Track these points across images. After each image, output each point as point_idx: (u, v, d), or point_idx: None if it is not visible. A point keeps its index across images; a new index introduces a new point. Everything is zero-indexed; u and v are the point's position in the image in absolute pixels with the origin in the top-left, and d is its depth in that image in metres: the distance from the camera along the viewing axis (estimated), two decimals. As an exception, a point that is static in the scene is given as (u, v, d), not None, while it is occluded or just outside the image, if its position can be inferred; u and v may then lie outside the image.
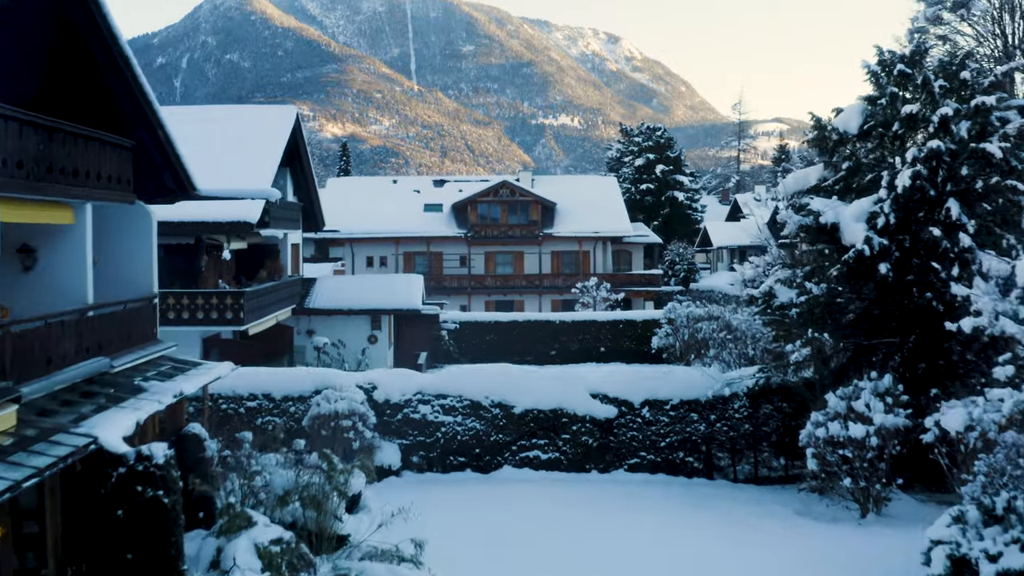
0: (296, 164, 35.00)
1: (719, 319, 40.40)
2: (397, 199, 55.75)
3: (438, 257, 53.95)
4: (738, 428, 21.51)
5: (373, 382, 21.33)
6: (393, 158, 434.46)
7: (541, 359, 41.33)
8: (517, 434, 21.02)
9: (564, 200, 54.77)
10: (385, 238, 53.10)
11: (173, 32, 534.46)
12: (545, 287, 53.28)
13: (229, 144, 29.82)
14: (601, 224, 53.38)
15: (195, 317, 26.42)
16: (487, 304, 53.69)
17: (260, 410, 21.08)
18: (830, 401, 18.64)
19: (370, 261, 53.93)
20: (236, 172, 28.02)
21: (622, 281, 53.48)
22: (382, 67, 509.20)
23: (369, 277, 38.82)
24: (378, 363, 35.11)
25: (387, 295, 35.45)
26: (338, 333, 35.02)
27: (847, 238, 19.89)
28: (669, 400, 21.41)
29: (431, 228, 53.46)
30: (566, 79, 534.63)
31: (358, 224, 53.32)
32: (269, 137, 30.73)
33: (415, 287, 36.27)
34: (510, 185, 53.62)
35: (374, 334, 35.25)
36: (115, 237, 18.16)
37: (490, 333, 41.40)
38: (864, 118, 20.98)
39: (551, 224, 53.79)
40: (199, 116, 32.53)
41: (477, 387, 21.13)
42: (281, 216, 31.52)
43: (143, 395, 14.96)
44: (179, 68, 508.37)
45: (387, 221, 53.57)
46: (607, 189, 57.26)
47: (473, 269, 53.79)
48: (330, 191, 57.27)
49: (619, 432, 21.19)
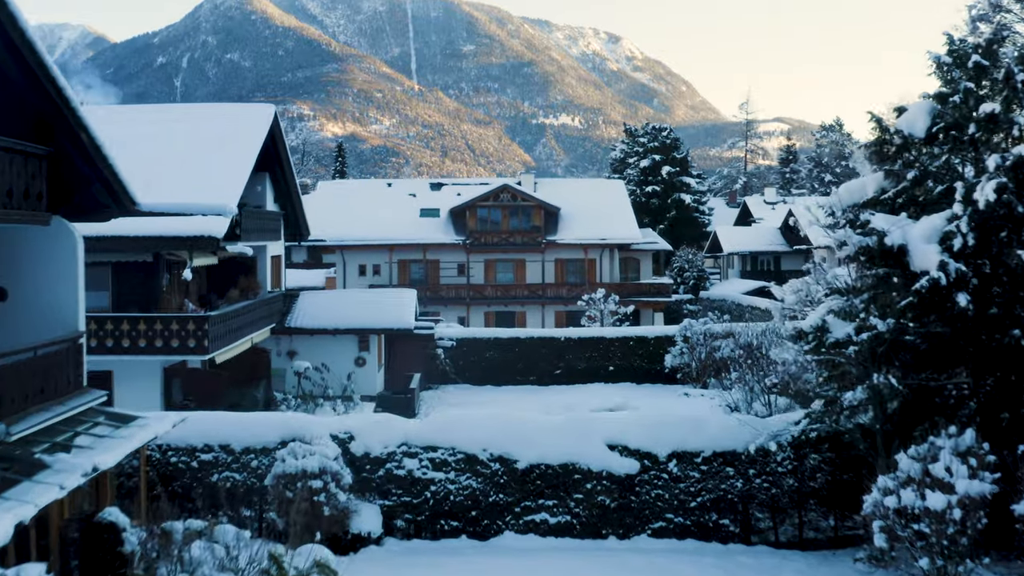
0: (276, 168, 31.61)
1: (737, 336, 37.07)
2: (391, 204, 52.32)
3: (435, 265, 50.52)
4: (780, 483, 18.11)
5: (350, 431, 17.91)
6: (393, 157, 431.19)
7: (545, 378, 37.94)
8: (521, 493, 17.60)
9: (568, 205, 51.36)
10: (378, 245, 49.66)
11: (174, 32, 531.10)
12: (548, 297, 49.86)
13: (197, 147, 26.44)
14: (608, 230, 49.95)
15: (153, 346, 23.03)
16: (487, 315, 50.28)
17: (216, 464, 17.67)
18: (901, 462, 15.28)
19: (362, 270, 50.51)
20: (202, 179, 24.63)
21: (630, 291, 50.04)
22: (383, 67, 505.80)
23: (357, 292, 35.42)
24: (366, 387, 31.72)
25: (376, 312, 32.05)
26: (322, 355, 31.63)
27: (916, 262, 16.46)
28: (700, 452, 17.99)
29: (427, 235, 50.03)
30: (567, 79, 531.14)
31: (350, 230, 49.89)
32: (242, 139, 27.33)
33: (407, 303, 32.86)
34: (511, 189, 50.19)
35: (362, 356, 31.84)
36: (29, 264, 14.69)
37: (490, 350, 37.98)
38: (932, 119, 17.56)
39: (555, 230, 50.36)
40: (165, 116, 29.16)
41: (473, 437, 17.71)
42: (256, 227, 28.12)
43: (42, 475, 11.52)
44: (179, 68, 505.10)
45: (381, 227, 50.15)
46: (614, 193, 53.80)
47: (472, 278, 50.37)
48: (320, 195, 53.87)
49: (641, 490, 17.77)
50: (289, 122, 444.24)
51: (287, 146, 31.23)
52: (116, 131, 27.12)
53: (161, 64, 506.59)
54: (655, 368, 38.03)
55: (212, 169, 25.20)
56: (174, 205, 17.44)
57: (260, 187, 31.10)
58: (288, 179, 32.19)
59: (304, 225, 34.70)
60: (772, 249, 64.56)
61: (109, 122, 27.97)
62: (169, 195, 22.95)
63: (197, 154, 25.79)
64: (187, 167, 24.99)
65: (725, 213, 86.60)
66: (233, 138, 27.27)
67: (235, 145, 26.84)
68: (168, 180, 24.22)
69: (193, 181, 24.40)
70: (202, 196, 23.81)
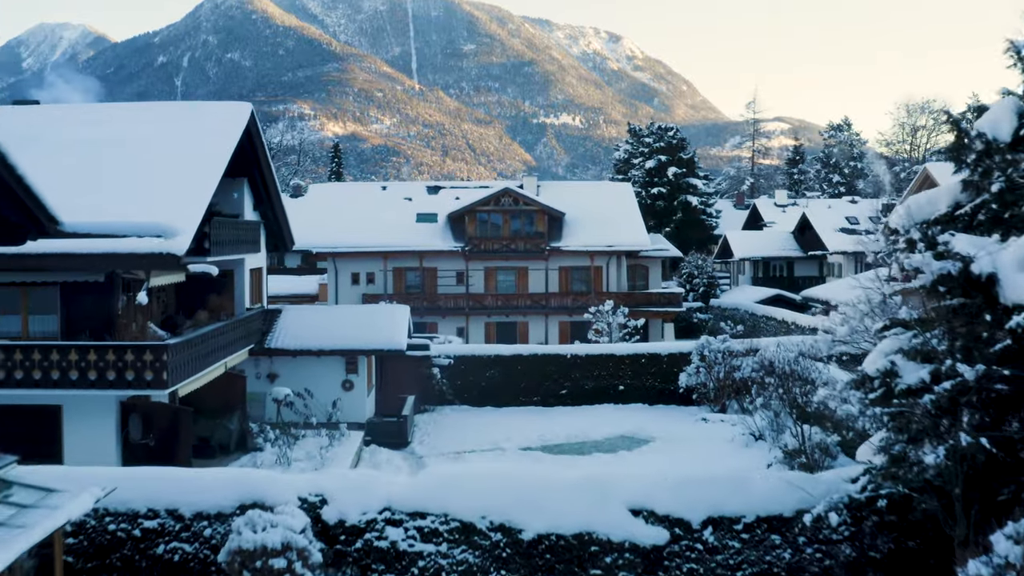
0: (255, 173, 28.57)
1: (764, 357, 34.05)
2: (386, 208, 49.25)
3: (432, 273, 47.47)
4: (836, 553, 15.10)
5: (323, 493, 14.89)
6: (394, 157, 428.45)
7: (550, 398, 34.93)
8: (527, 569, 14.58)
9: (573, 209, 48.30)
10: (372, 252, 46.61)
11: (174, 31, 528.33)
12: (552, 307, 46.82)
13: (159, 151, 23.41)
14: (615, 236, 46.88)
15: (104, 378, 19.99)
16: (487, 326, 47.24)
17: (163, 533, 14.65)
18: (997, 545, 12.29)
19: (355, 278, 47.45)
20: (162, 188, 21.61)
21: (639, 301, 46.99)
22: (383, 66, 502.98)
23: (345, 309, 32.36)
24: (354, 413, 28.72)
25: (365, 331, 29.01)
26: (306, 378, 28.60)
27: (1008, 294, 13.43)
28: (742, 517, 14.97)
29: (424, 241, 46.98)
30: (567, 78, 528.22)
31: (342, 237, 46.85)
32: (212, 142, 24.29)
33: (399, 320, 29.82)
34: (513, 193, 47.12)
35: (349, 379, 28.81)
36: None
37: (490, 368, 34.96)
38: (1019, 119, 14.56)
39: (559, 236, 47.30)
40: (127, 116, 26.12)
41: (470, 502, 14.67)
42: (231, 239, 25.09)
43: None
44: (180, 67, 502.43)
45: (375, 233, 47.09)
46: (621, 197, 50.71)
47: (471, 287, 47.33)
48: (312, 199, 50.85)
49: (671, 564, 14.74)
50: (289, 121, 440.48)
51: (267, 148, 28.17)
52: (68, 133, 24.16)
53: (162, 64, 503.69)
54: (668, 388, 35.03)
55: (175, 176, 22.17)
56: (101, 225, 14.48)
57: (237, 194, 28.07)
58: (269, 184, 29.16)
59: (288, 235, 31.67)
60: (785, 254, 61.49)
61: (63, 123, 25.00)
62: (119, 208, 19.95)
63: (158, 160, 22.78)
64: (144, 174, 21.98)
65: (733, 216, 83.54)
66: (202, 140, 24.24)
67: (204, 148, 23.81)
68: (119, 191, 21.22)
69: (150, 191, 21.39)
70: (160, 208, 20.81)
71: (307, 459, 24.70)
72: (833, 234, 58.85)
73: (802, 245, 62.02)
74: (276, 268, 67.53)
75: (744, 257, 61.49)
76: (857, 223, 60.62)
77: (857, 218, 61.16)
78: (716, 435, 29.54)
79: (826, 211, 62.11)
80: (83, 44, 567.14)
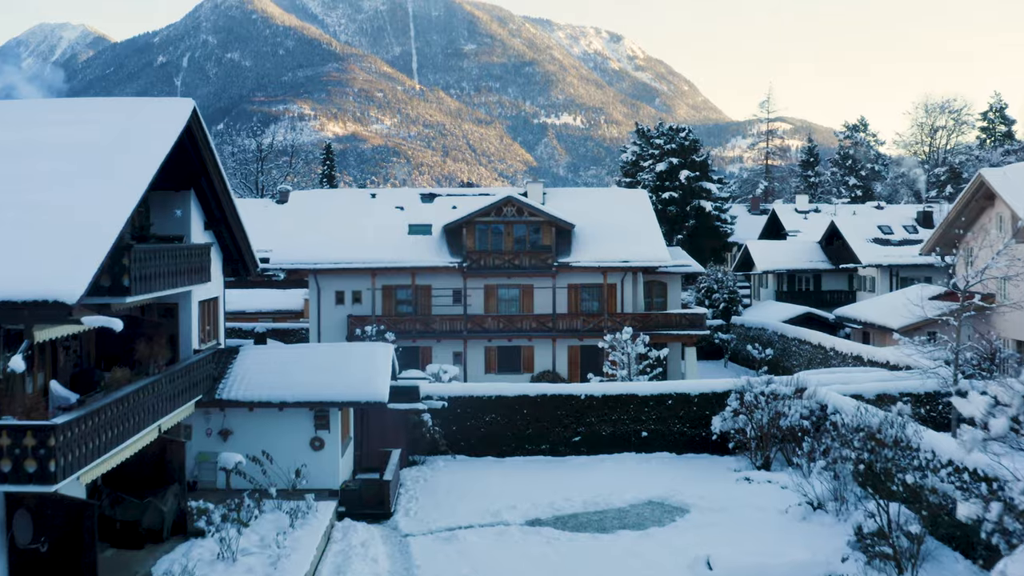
0: (203, 184, 23.22)
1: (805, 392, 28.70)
2: (375, 218, 43.84)
3: (425, 292, 42.08)
4: None
5: None
6: (395, 157, 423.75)
7: (561, 446, 29.62)
8: None
9: (584, 220, 42.90)
10: (359, 269, 41.23)
11: (174, 31, 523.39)
12: (560, 330, 41.44)
13: (66, 161, 18.03)
14: (631, 251, 41.47)
15: (-32, 470, 14.60)
16: (487, 351, 41.88)
17: None
18: None
19: (340, 297, 42.06)
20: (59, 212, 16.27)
21: (657, 323, 41.59)
22: (384, 66, 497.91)
23: (315, 350, 26.86)
24: (325, 477, 23.37)
25: (340, 378, 23.63)
26: (266, 436, 23.26)
27: None
28: None
29: (417, 255, 41.57)
30: (568, 78, 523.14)
31: (325, 251, 41.48)
32: (139, 148, 18.91)
33: (380, 363, 24.42)
34: (516, 202, 41.67)
35: (319, 436, 23.44)
36: None
37: (491, 412, 29.61)
38: None
39: (568, 251, 41.89)
40: (33, 116, 20.72)
41: None
42: (164, 270, 19.71)
43: None
44: (180, 67, 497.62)
45: (362, 247, 41.71)
46: (637, 205, 45.26)
47: (470, 307, 41.93)
48: (293, 207, 45.46)
49: None
50: (289, 121, 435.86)
51: (215, 152, 22.73)
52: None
53: (161, 64, 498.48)
54: (699, 434, 29.71)
55: (80, 194, 16.80)
56: None
57: (179, 211, 22.75)
58: (222, 198, 23.79)
59: (250, 257, 26.27)
60: (812, 267, 56.04)
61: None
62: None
63: (60, 172, 17.40)
64: (36, 193, 16.61)
65: (749, 222, 78.13)
66: (126, 146, 18.85)
67: (125, 157, 18.42)
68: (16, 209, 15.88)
69: (42, 215, 16.02)
70: (52, 239, 15.46)
71: (260, 548, 19.35)
72: (865, 245, 53.46)
73: (830, 256, 56.60)
74: (260, 280, 62.20)
75: (767, 270, 56.00)
76: (891, 232, 55.24)
77: (890, 227, 55.77)
78: (765, 502, 24.14)
79: (855, 219, 56.67)
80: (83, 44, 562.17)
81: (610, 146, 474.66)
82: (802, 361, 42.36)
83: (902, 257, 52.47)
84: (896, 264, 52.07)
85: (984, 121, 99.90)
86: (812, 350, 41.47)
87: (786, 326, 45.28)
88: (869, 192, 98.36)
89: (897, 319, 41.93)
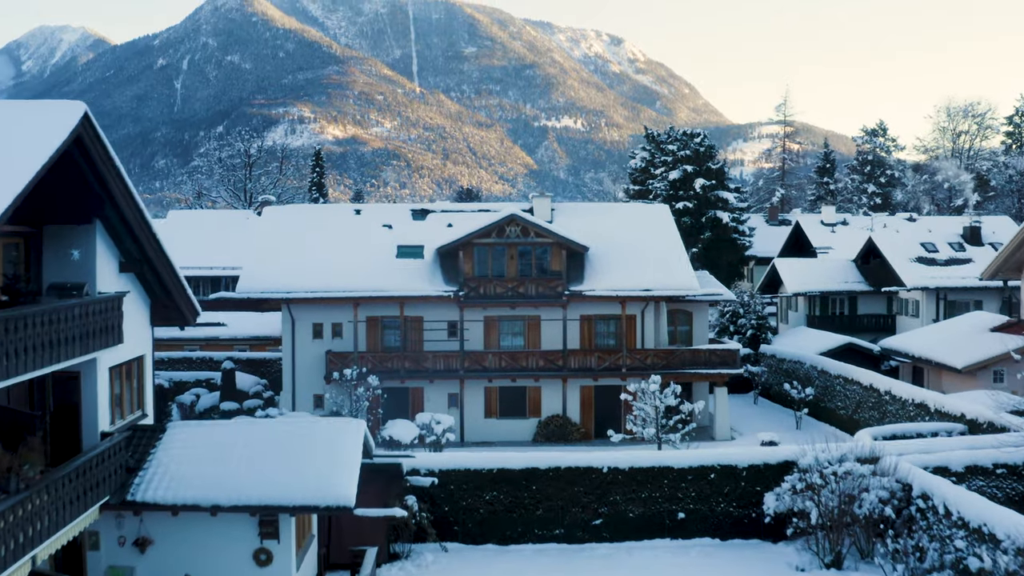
0: (110, 214, 17.31)
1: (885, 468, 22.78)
2: (360, 238, 37.91)
3: (416, 325, 36.16)
4: None
5: None
6: (395, 160, 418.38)
7: (577, 531, 23.72)
8: None
9: (599, 240, 36.97)
10: (339, 298, 35.31)
11: (174, 33, 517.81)
12: (572, 369, 35.52)
13: None
14: (654, 277, 35.55)
15: None
16: (487, 392, 35.98)
17: None
18: None
19: (317, 330, 36.16)
20: None
21: (684, 360, 35.68)
22: (384, 69, 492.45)
23: (263, 428, 20.45)
24: (274, 603, 17.38)
25: (292, 470, 17.67)
26: (195, 548, 17.33)
27: None
28: None
29: (407, 282, 35.62)
30: (569, 81, 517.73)
31: (301, 277, 35.59)
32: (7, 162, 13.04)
33: (348, 448, 18.43)
34: (521, 221, 35.73)
35: (266, 548, 17.50)
36: None
37: (492, 488, 23.69)
38: None
39: (580, 277, 35.97)
40: None
41: None
42: (38, 341, 13.86)
43: None
44: (180, 70, 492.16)
45: (343, 272, 35.81)
46: (658, 223, 39.30)
47: (468, 342, 36.01)
48: (266, 225, 39.52)
49: None
50: (289, 124, 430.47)
51: (121, 170, 16.76)
52: None
53: (161, 66, 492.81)
54: (749, 515, 23.79)
55: None
56: None
57: (77, 252, 16.85)
58: (138, 230, 17.86)
59: (184, 302, 20.32)
60: (847, 288, 50.08)
61: None
62: None
63: None
64: None
65: (768, 233, 72.22)
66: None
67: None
68: None
69: None
70: None
71: None
72: (908, 265, 47.51)
73: (866, 276, 50.62)
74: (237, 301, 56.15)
75: (799, 292, 49.99)
76: (935, 250, 49.28)
77: (934, 244, 49.81)
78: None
79: (896, 236, 50.67)
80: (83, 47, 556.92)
81: (611, 149, 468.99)
82: (849, 404, 36.46)
83: (950, 279, 46.55)
84: (943, 287, 46.16)
85: (1009, 125, 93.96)
86: (862, 392, 35.52)
87: (827, 360, 39.31)
88: (889, 200, 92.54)
89: (959, 355, 36.03)
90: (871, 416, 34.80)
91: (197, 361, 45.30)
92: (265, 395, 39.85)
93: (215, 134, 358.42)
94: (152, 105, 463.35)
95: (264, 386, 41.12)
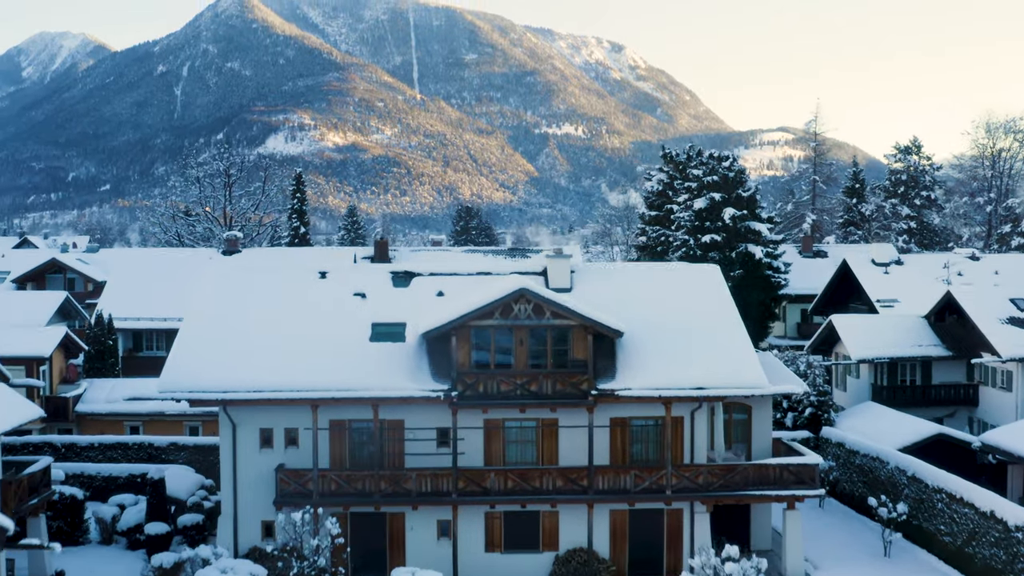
0: None
1: None
2: (324, 313, 28.75)
3: (395, 432, 27.05)
4: None
5: None
6: (395, 167, 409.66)
7: None
8: None
9: (632, 314, 27.82)
10: (294, 400, 26.22)
11: (174, 40, 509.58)
12: (600, 491, 26.43)
13: None
14: (707, 369, 26.42)
15: None
16: (489, 520, 26.93)
17: None
18: None
19: (266, 439, 27.04)
20: None
21: (747, 478, 26.58)
22: (384, 76, 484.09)
23: None
24: None
25: None
26: None
27: None
28: None
29: (383, 377, 26.46)
30: (569, 88, 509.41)
31: (244, 369, 26.49)
32: None
33: None
34: (532, 297, 26.59)
35: None
36: None
37: None
38: None
39: (612, 369, 26.84)
40: None
41: None
42: None
43: None
44: (180, 76, 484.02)
45: (298, 363, 26.69)
46: (709, 291, 30.15)
47: (464, 455, 26.85)
48: (205, 290, 30.28)
49: None
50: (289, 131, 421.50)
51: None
52: None
53: (162, 73, 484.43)
54: None
55: None
56: None
57: None
58: None
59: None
60: (921, 353, 40.99)
61: None
62: None
63: None
64: None
65: (803, 268, 63.23)
66: None
67: None
68: None
69: None
70: None
71: None
72: (998, 328, 38.44)
73: (943, 338, 41.43)
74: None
75: (864, 358, 40.79)
76: (1029, 308, 40.17)
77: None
78: None
79: (978, 291, 41.53)
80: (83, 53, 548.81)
81: (612, 156, 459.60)
82: (957, 532, 27.36)
83: (1052, 345, 37.48)
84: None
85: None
86: (979, 521, 26.38)
87: (919, 464, 30.17)
88: (923, 223, 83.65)
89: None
90: (992, 556, 25.75)
91: (134, 448, 36.30)
92: (208, 504, 30.87)
93: (215, 141, 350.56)
94: (152, 112, 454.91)
95: (209, 489, 32.16)
